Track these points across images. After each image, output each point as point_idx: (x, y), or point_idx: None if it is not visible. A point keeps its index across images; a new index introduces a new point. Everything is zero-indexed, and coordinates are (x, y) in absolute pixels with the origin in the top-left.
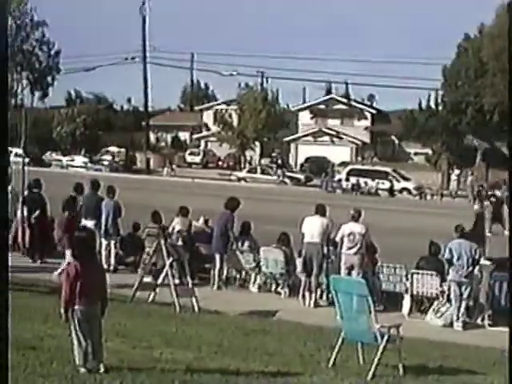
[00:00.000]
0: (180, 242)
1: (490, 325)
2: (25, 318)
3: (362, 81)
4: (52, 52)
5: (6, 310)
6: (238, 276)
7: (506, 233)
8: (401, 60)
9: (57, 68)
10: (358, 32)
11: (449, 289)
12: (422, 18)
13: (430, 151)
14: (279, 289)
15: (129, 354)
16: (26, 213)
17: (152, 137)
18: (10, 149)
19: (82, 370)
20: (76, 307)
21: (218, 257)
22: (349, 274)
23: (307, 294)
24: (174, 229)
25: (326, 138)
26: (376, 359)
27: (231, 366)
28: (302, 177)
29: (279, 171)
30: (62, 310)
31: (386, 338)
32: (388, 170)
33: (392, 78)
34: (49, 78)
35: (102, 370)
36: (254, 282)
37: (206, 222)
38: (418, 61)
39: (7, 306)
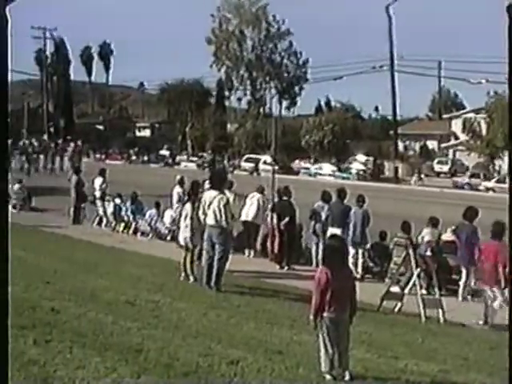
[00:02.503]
0: (429, 253)
1: None
2: (272, 323)
3: None
4: (300, 62)
5: (6, 311)
6: None
7: None
8: None
9: (305, 77)
10: None
11: None
12: None
13: None
14: None
15: (374, 362)
16: (275, 220)
17: (400, 145)
18: (259, 156)
19: (328, 376)
20: (325, 314)
21: (464, 268)
22: None
23: None
24: (422, 239)
25: None
26: None
27: (476, 380)
28: None
29: None
30: (312, 317)
31: None
32: None
33: None
34: (296, 88)
35: (347, 377)
36: None
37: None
38: None
39: (7, 308)
